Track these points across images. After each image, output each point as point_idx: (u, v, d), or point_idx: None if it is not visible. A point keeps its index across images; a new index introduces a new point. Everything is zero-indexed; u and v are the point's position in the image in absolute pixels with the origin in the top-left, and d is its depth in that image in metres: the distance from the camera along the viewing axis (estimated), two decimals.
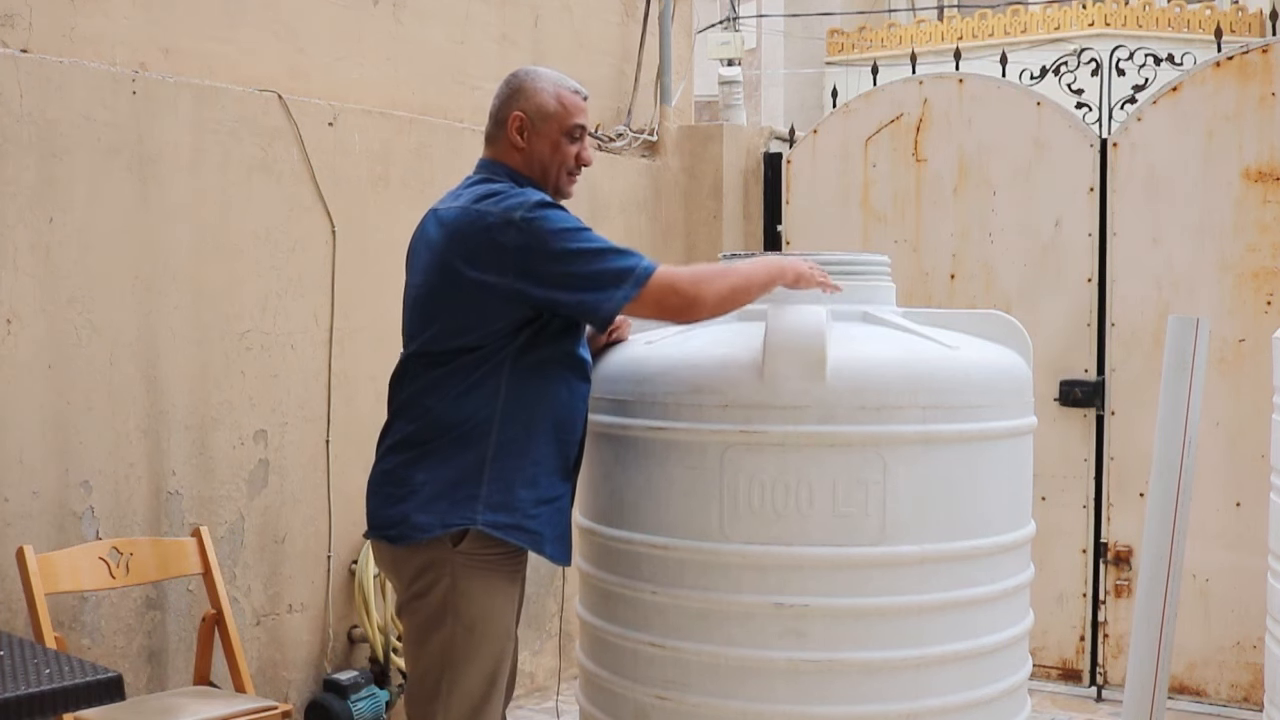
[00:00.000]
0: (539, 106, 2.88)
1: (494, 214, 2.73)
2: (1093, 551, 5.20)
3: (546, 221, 2.72)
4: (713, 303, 2.80)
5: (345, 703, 4.25)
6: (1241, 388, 4.89)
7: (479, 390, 2.77)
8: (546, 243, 2.71)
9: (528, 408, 2.79)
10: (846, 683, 2.91)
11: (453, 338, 2.78)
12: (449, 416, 2.77)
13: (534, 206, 2.74)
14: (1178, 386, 3.08)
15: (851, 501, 2.87)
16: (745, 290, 2.85)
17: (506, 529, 2.76)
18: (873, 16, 18.03)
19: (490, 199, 2.77)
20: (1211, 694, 5.00)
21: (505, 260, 2.71)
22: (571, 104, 2.91)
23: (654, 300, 2.76)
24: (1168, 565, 3.10)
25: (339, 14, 4.52)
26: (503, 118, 2.90)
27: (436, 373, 2.80)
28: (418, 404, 2.82)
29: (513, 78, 2.94)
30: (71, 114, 3.65)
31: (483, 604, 2.78)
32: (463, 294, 2.75)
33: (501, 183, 2.84)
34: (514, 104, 2.89)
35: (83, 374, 3.69)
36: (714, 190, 5.91)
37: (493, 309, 2.74)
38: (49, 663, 2.53)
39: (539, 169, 2.90)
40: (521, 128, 2.88)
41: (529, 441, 2.79)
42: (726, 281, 2.82)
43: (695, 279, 2.80)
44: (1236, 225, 4.93)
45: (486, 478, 2.76)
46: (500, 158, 2.92)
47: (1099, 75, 5.29)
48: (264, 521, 4.18)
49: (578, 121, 2.91)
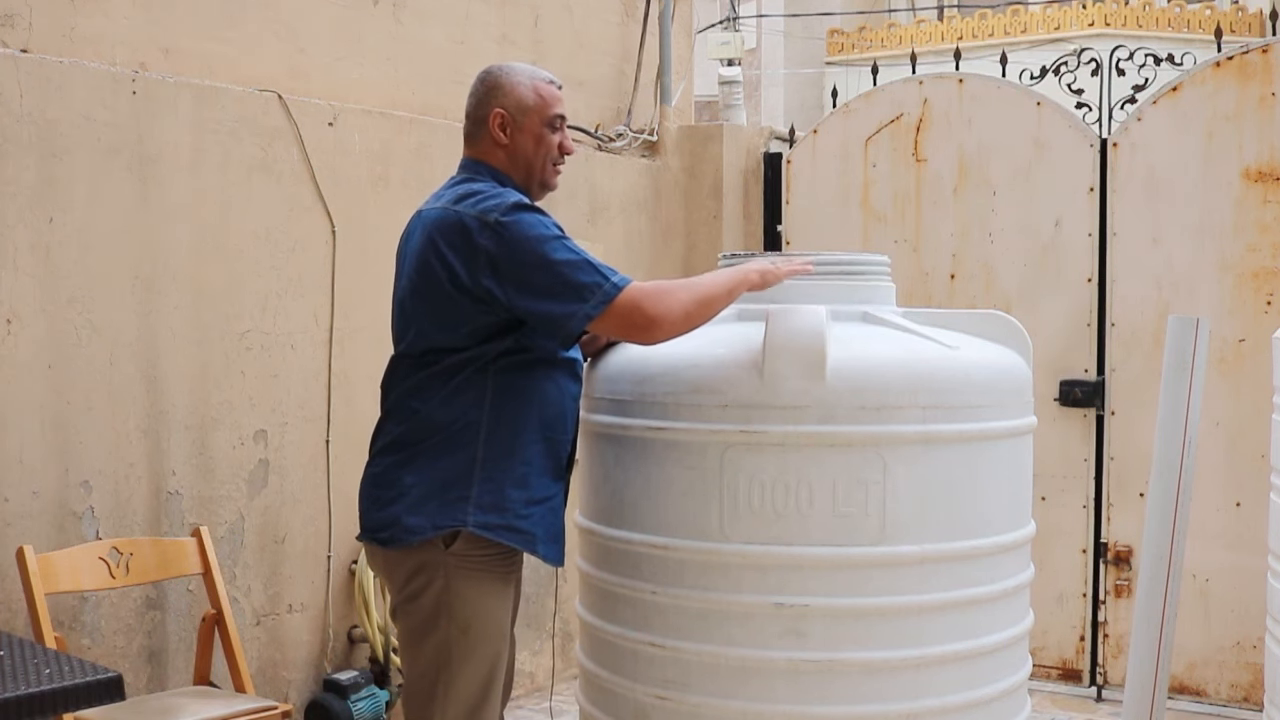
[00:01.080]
0: (518, 101, 2.87)
1: (471, 215, 2.73)
2: (1093, 551, 5.20)
3: (521, 226, 2.70)
4: (678, 318, 2.75)
5: (345, 703, 4.25)
6: (1241, 388, 4.89)
7: (466, 391, 2.76)
8: (518, 247, 2.69)
9: (516, 408, 2.78)
10: (846, 683, 2.91)
11: (437, 339, 2.78)
12: (436, 418, 2.77)
13: (510, 209, 2.72)
14: (1178, 386, 3.08)
15: (851, 501, 2.87)
16: (708, 303, 2.80)
17: (498, 530, 2.76)
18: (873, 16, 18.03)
19: (469, 199, 2.76)
20: (1211, 694, 5.00)
21: (478, 262, 2.70)
22: (549, 94, 2.89)
23: (619, 318, 2.71)
24: (1168, 565, 3.10)
25: (339, 14, 4.52)
26: (482, 116, 2.89)
27: (423, 374, 2.80)
28: (405, 405, 2.82)
29: (487, 75, 2.92)
30: (71, 114, 3.65)
31: (477, 605, 2.77)
32: (443, 295, 2.74)
33: (483, 182, 2.83)
34: (492, 101, 2.88)
35: (83, 374, 3.69)
36: (714, 190, 5.91)
37: (470, 310, 2.73)
38: (49, 663, 2.53)
39: (524, 163, 2.89)
40: (503, 124, 2.87)
41: (518, 442, 2.78)
42: (690, 295, 2.78)
43: (659, 297, 2.74)
44: (1236, 225, 4.93)
45: (476, 479, 2.75)
46: (482, 157, 2.91)
47: (1099, 75, 5.29)
48: (264, 521, 4.18)
49: (557, 111, 2.90)
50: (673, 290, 2.79)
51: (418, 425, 2.79)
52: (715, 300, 2.82)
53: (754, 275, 2.89)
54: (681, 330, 2.79)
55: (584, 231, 5.35)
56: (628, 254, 5.60)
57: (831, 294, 3.10)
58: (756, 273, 2.90)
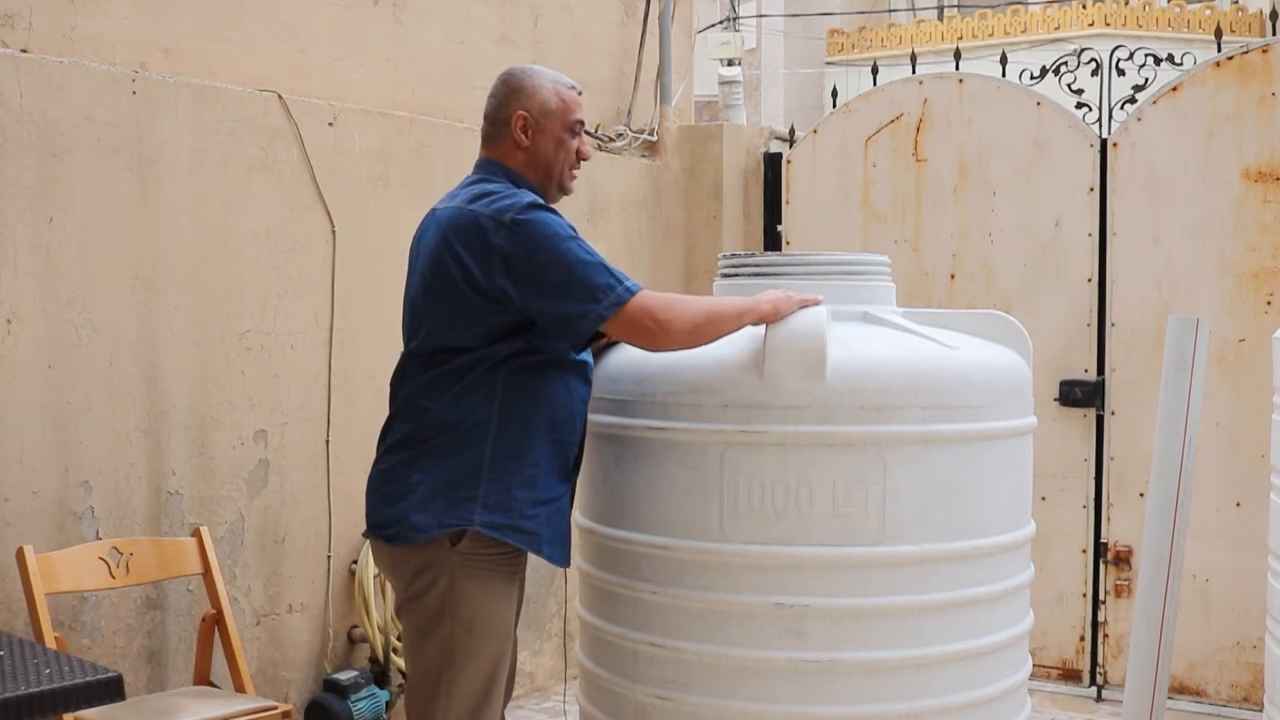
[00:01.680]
0: (541, 104, 2.88)
1: (486, 214, 2.73)
2: (1093, 551, 5.20)
3: (536, 226, 2.72)
4: (684, 333, 2.78)
5: (345, 703, 4.25)
6: (1241, 388, 4.89)
7: (476, 391, 2.77)
8: (533, 246, 2.70)
9: (525, 408, 2.78)
10: (846, 683, 2.91)
11: (448, 337, 2.78)
12: (446, 417, 2.77)
13: (526, 209, 2.73)
14: (1178, 386, 3.08)
15: (851, 501, 2.87)
16: (717, 321, 2.82)
17: (504, 529, 2.76)
18: (873, 16, 18.04)
19: (484, 199, 2.77)
20: (1211, 694, 5.00)
21: (492, 261, 2.71)
22: (571, 100, 2.91)
23: (629, 323, 2.73)
24: (1168, 565, 3.10)
25: (339, 14, 4.52)
26: (504, 117, 2.89)
27: (433, 373, 2.80)
28: (414, 404, 2.83)
29: (510, 77, 2.93)
30: (71, 114, 3.65)
31: (481, 604, 2.78)
32: (456, 293, 2.75)
33: (498, 183, 2.84)
34: (515, 103, 2.88)
35: (83, 374, 3.69)
36: (714, 190, 5.91)
37: (484, 309, 2.74)
38: (49, 663, 2.53)
39: (544, 166, 2.90)
40: (526, 126, 2.88)
41: (526, 442, 2.79)
42: (701, 310, 2.80)
43: (670, 306, 2.77)
44: (1236, 225, 4.93)
45: (484, 478, 2.75)
46: (499, 158, 2.91)
47: (1099, 75, 5.29)
48: (264, 521, 4.18)
49: (578, 116, 2.93)
50: (685, 303, 2.81)
51: (426, 424, 2.79)
52: (724, 320, 2.83)
53: (765, 307, 2.89)
54: (687, 342, 2.81)
55: (584, 231, 5.25)
56: (628, 254, 5.59)
57: (831, 294, 3.10)
58: (769, 304, 2.89)
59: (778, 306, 2.89)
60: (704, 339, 2.83)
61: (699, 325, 2.79)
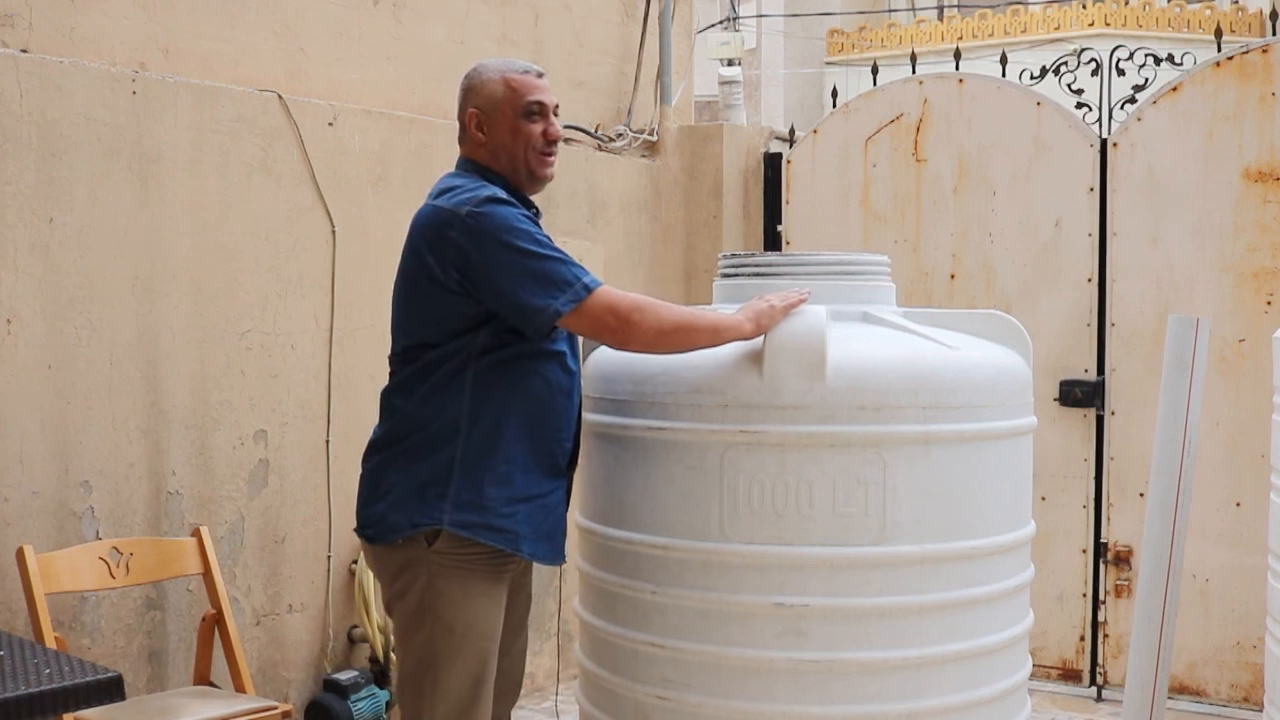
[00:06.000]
0: (489, 96, 2.89)
1: (446, 209, 2.75)
2: (1093, 551, 5.20)
3: (491, 218, 2.72)
4: (650, 334, 2.76)
5: (345, 703, 4.25)
6: (1241, 388, 4.89)
7: (446, 388, 2.77)
8: (488, 238, 2.70)
9: (497, 405, 2.77)
10: (846, 683, 2.91)
11: (417, 334, 2.80)
12: (416, 415, 2.79)
13: (481, 202, 2.74)
14: (1178, 386, 3.08)
15: (851, 501, 2.87)
16: (688, 331, 2.81)
17: (476, 528, 2.75)
18: (873, 16, 18.03)
19: (446, 194, 2.80)
20: (1211, 694, 5.00)
21: (448, 255, 2.72)
22: (520, 83, 2.88)
23: (592, 318, 2.73)
24: (1168, 565, 3.10)
25: (339, 14, 4.52)
26: (463, 119, 2.93)
27: (405, 371, 2.82)
28: (389, 403, 2.85)
29: (464, 78, 2.95)
30: (71, 114, 3.65)
31: (462, 605, 2.77)
32: (421, 290, 2.77)
33: (465, 178, 2.85)
34: (467, 102, 2.92)
35: (83, 374, 3.69)
36: (714, 190, 5.91)
37: (448, 305, 2.74)
38: (49, 663, 2.53)
39: (506, 157, 2.89)
40: (479, 123, 2.89)
41: (499, 439, 2.77)
42: (671, 316, 2.79)
43: (636, 306, 2.76)
44: (1236, 225, 4.93)
45: (455, 477, 2.75)
46: (469, 155, 2.94)
47: (1099, 75, 5.29)
48: (264, 521, 4.18)
49: (532, 99, 2.88)
50: (658, 308, 2.79)
51: (399, 423, 2.81)
52: (697, 333, 2.82)
53: (748, 327, 2.87)
54: (653, 346, 2.82)
55: (584, 232, 5.35)
56: (628, 254, 5.60)
57: (831, 294, 3.10)
58: (751, 322, 2.87)
59: (760, 324, 2.88)
60: (673, 347, 2.83)
61: (666, 332, 2.78)
